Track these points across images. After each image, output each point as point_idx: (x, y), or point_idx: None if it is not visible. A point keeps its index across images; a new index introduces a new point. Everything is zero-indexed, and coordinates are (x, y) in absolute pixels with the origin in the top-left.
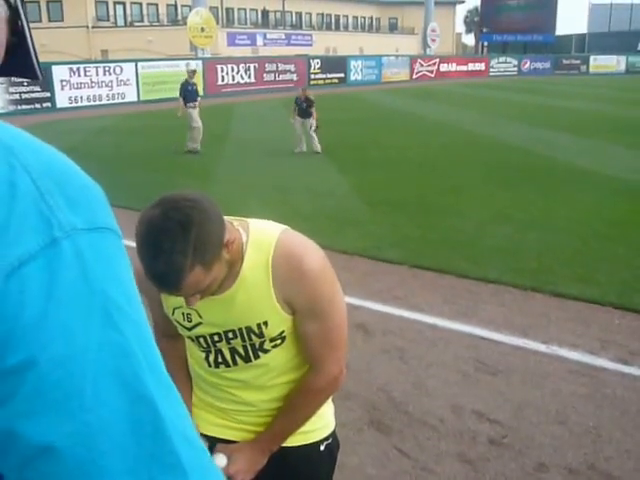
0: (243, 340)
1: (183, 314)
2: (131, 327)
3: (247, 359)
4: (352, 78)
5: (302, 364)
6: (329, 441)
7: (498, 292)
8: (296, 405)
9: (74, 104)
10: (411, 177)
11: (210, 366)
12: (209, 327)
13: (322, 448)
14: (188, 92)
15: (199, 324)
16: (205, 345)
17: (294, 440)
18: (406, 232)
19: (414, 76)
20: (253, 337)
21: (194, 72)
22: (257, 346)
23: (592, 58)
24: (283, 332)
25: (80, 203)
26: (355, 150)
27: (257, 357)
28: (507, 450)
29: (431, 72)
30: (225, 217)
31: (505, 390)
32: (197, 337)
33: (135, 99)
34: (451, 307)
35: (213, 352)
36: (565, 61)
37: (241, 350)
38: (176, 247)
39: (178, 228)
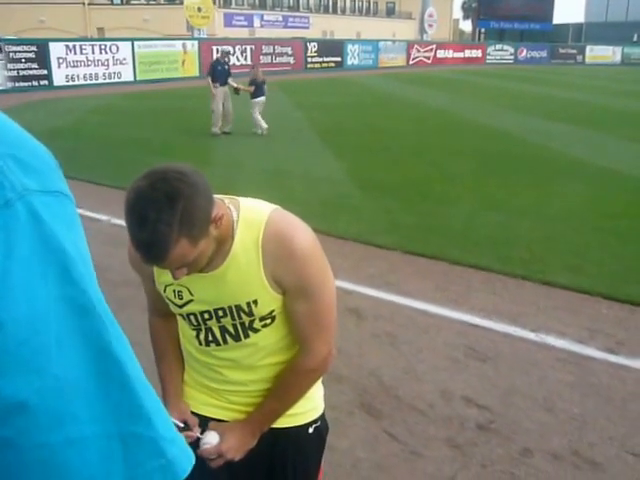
0: (233, 319)
1: (174, 291)
2: (88, 283)
3: (237, 338)
4: (349, 62)
5: (292, 345)
6: (318, 424)
7: (489, 280)
8: (286, 386)
9: (71, 82)
10: (406, 163)
11: (201, 344)
12: (200, 305)
13: (311, 430)
14: (217, 72)
15: (190, 301)
16: (196, 323)
17: (283, 422)
18: (400, 218)
19: (411, 62)
20: (243, 315)
21: (227, 53)
22: (247, 325)
23: (588, 48)
24: (273, 311)
25: (33, 167)
26: (351, 135)
27: (247, 336)
28: (494, 435)
29: (428, 58)
30: (216, 195)
31: (494, 376)
32: (188, 315)
33: (131, 79)
34: (442, 294)
35: (203, 330)
36: (562, 50)
37: (231, 329)
38: (162, 218)
39: (165, 199)
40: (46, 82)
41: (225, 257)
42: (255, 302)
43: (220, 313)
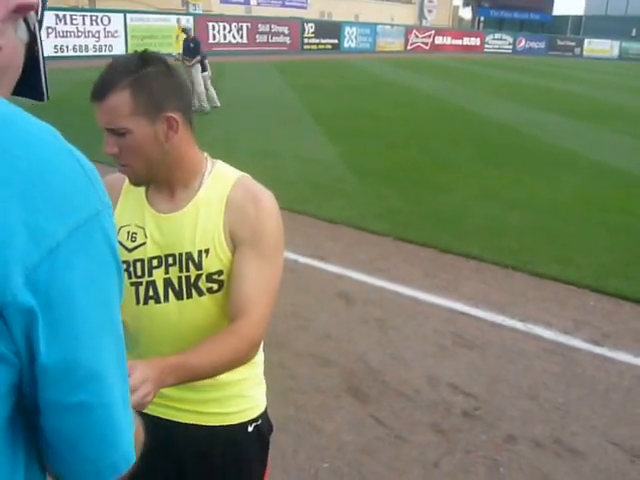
0: (181, 269)
1: (128, 233)
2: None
3: (180, 294)
4: (346, 45)
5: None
6: (258, 422)
7: (479, 269)
8: (209, 344)
9: (60, 53)
10: (400, 149)
11: (139, 302)
12: (151, 248)
13: (250, 429)
14: (184, 48)
15: (142, 244)
16: (140, 273)
17: (220, 419)
18: (392, 204)
19: (408, 47)
20: (191, 267)
21: (183, 30)
22: (192, 281)
23: (587, 41)
24: (221, 274)
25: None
26: (346, 118)
27: (190, 295)
28: (479, 422)
29: (426, 44)
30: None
31: (480, 364)
32: (134, 262)
33: (123, 52)
34: (432, 281)
35: (144, 284)
36: (560, 42)
37: (176, 282)
38: (127, 66)
39: (137, 60)
40: None
41: (187, 202)
42: (207, 252)
43: (170, 260)
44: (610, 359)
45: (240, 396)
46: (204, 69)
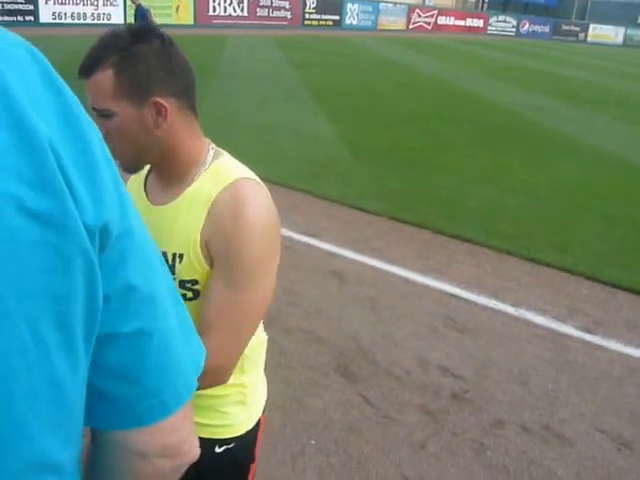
0: None
1: None
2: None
3: None
4: (347, 22)
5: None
6: (230, 446)
7: (473, 252)
8: None
9: (57, 20)
10: (399, 129)
11: None
12: None
13: (218, 450)
14: (134, 18)
15: None
16: None
17: None
18: (388, 184)
19: (410, 26)
20: None
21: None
22: None
23: (592, 27)
24: (196, 282)
25: None
26: (346, 96)
27: None
28: (468, 405)
29: (428, 24)
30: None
31: (471, 347)
32: None
33: (121, 21)
34: (425, 262)
35: None
36: (564, 27)
37: None
38: (115, 42)
39: (128, 35)
40: (32, 18)
41: (176, 197)
42: (180, 257)
43: None
44: (601, 347)
45: (211, 409)
46: None
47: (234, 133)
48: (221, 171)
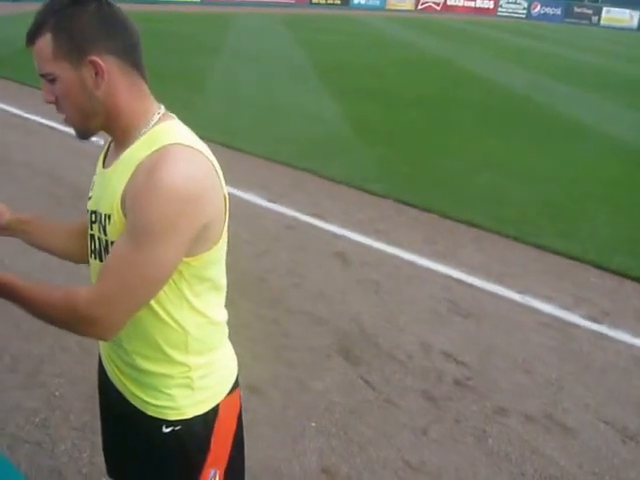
0: (99, 229)
1: (93, 183)
2: None
3: (99, 256)
4: (355, 1)
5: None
6: (177, 428)
7: (479, 237)
8: (44, 286)
9: None
10: (405, 110)
11: (90, 256)
12: (92, 202)
13: (165, 430)
14: None
15: (91, 197)
16: (88, 225)
17: (138, 402)
18: (394, 166)
19: (419, 7)
20: (101, 230)
21: None
22: (104, 245)
23: (605, 10)
24: None
25: None
26: (351, 77)
27: (102, 260)
28: (470, 392)
29: (437, 4)
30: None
31: (475, 334)
32: (87, 212)
33: None
34: (431, 246)
35: (89, 237)
36: (577, 9)
37: (97, 242)
38: (51, 8)
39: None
40: None
41: (116, 160)
42: (109, 218)
43: (94, 217)
44: (608, 337)
45: (156, 390)
46: None
47: (238, 112)
48: (158, 135)
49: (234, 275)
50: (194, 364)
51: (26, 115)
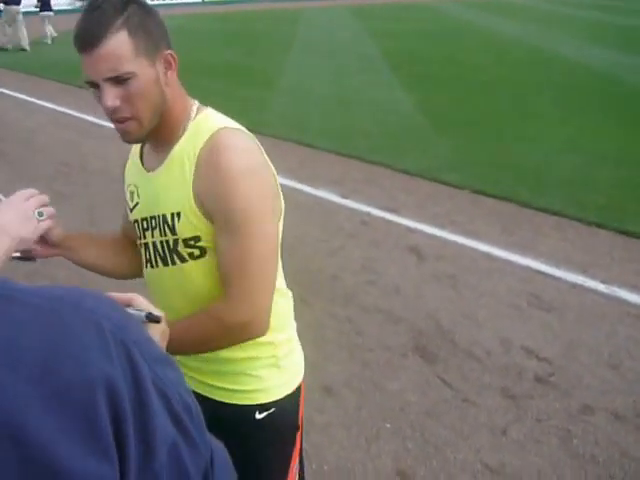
0: (160, 233)
1: (131, 192)
2: None
3: (165, 261)
4: None
5: None
6: (270, 411)
7: (560, 225)
8: (193, 321)
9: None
10: (480, 97)
11: (146, 266)
12: (142, 210)
13: (259, 416)
14: None
15: (137, 205)
16: (139, 234)
17: (222, 395)
18: (470, 156)
19: None
20: (167, 231)
21: None
22: (172, 246)
23: None
24: (199, 239)
25: None
26: (422, 65)
27: (174, 262)
28: (553, 389)
29: None
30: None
31: (558, 328)
32: (134, 222)
33: (200, 0)
34: (509, 237)
35: (143, 246)
36: None
37: (159, 247)
38: (114, 7)
39: None
40: None
41: (165, 159)
42: (178, 215)
43: (153, 223)
44: None
45: (244, 374)
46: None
47: (308, 105)
48: (202, 125)
49: (307, 274)
50: (278, 341)
51: (101, 122)
